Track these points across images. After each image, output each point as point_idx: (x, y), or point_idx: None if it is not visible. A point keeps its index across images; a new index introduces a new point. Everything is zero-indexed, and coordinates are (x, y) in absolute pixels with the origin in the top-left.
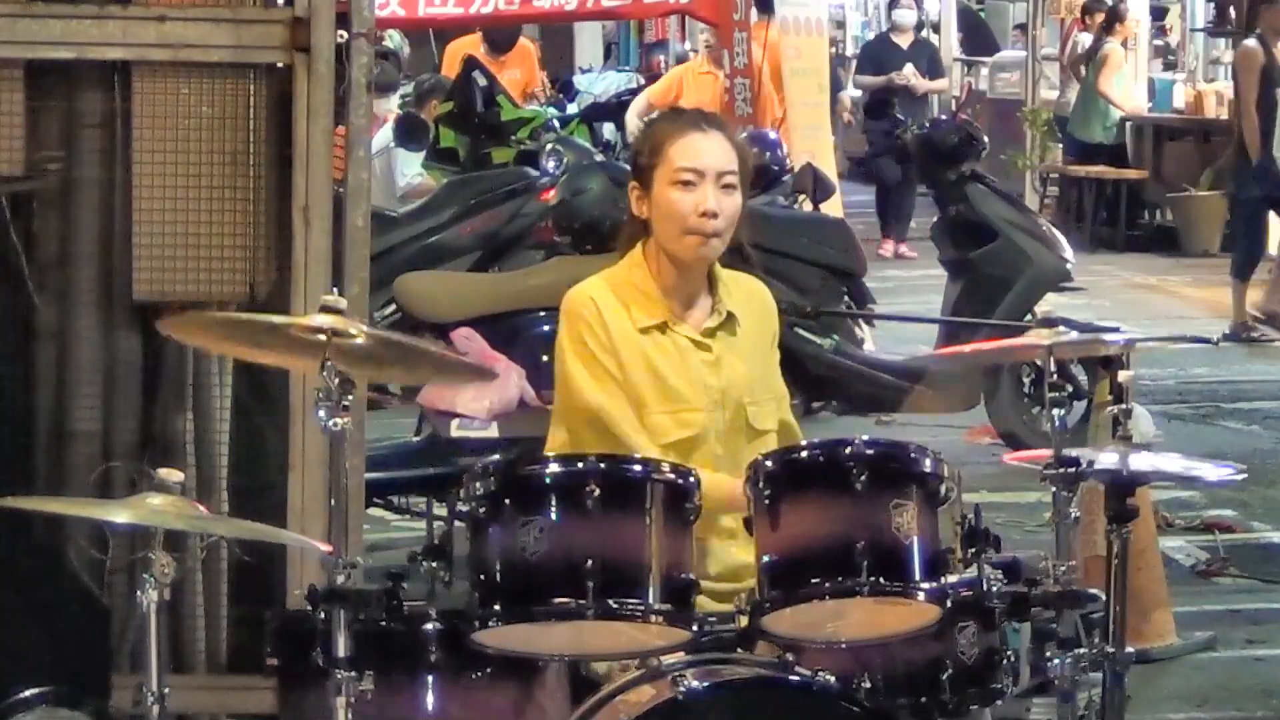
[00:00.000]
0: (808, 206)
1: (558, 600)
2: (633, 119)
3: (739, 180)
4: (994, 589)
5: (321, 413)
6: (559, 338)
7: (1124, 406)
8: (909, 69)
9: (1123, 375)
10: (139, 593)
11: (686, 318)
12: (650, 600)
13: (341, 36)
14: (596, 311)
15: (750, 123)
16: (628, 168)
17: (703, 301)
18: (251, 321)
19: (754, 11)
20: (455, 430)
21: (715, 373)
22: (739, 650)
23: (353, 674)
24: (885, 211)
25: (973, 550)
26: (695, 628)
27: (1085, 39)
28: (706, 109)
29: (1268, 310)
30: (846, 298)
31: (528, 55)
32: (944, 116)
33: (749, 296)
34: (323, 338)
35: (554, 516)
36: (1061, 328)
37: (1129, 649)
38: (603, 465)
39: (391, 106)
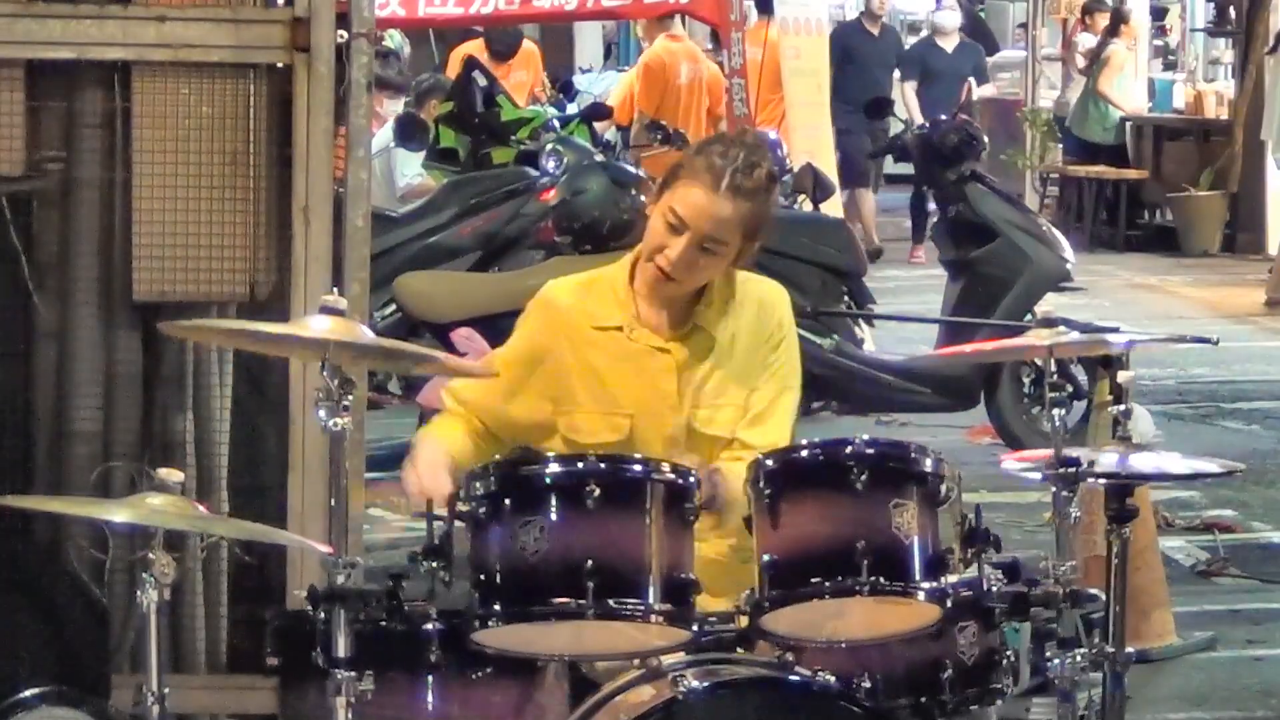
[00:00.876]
0: (808, 206)
1: (558, 600)
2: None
3: (730, 249)
4: (994, 589)
5: (321, 413)
6: (526, 309)
7: (1124, 407)
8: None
9: (1122, 376)
10: (139, 593)
11: (654, 321)
12: (650, 600)
13: (341, 36)
14: (552, 313)
15: (747, 123)
16: (628, 168)
17: (680, 310)
18: (254, 331)
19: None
20: None
21: (671, 378)
22: (739, 650)
23: (353, 674)
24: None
25: (973, 550)
26: (695, 628)
27: (1085, 39)
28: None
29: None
30: (846, 298)
31: (533, 58)
32: (944, 116)
33: (740, 301)
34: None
35: (554, 516)
36: (1061, 328)
37: (1129, 649)
38: (603, 465)
39: (398, 107)
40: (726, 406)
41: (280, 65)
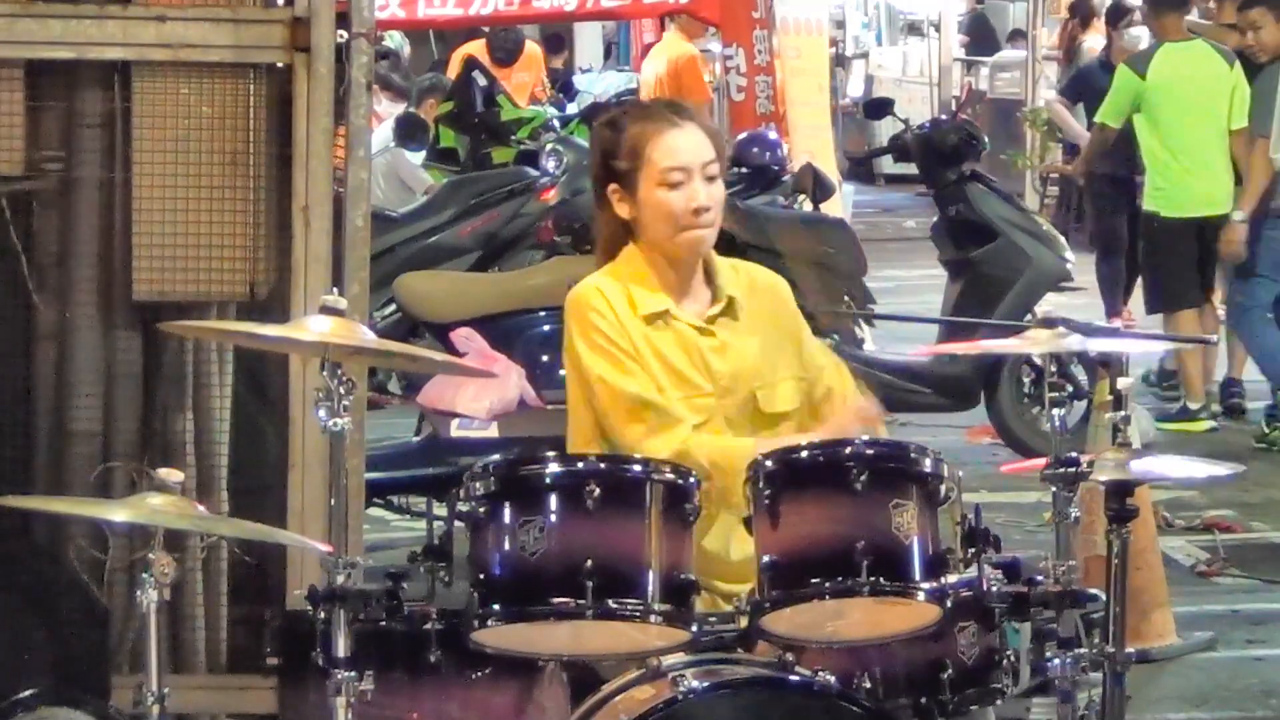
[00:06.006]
0: (808, 206)
1: (557, 600)
2: None
3: (719, 166)
4: (994, 589)
5: (321, 413)
6: (569, 339)
7: (1123, 414)
8: None
9: (1122, 382)
10: (139, 593)
11: (687, 307)
12: (650, 600)
13: (341, 36)
14: (605, 302)
15: (771, 120)
16: None
17: (701, 292)
18: (254, 332)
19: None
20: (455, 430)
21: (722, 358)
22: (739, 650)
23: (353, 674)
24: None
25: (973, 550)
26: (695, 628)
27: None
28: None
29: None
30: (846, 298)
31: (535, 60)
32: (944, 116)
33: (751, 284)
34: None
35: (554, 516)
36: (1061, 328)
37: (1129, 649)
38: (603, 465)
39: (398, 109)
40: (781, 382)
41: (280, 65)
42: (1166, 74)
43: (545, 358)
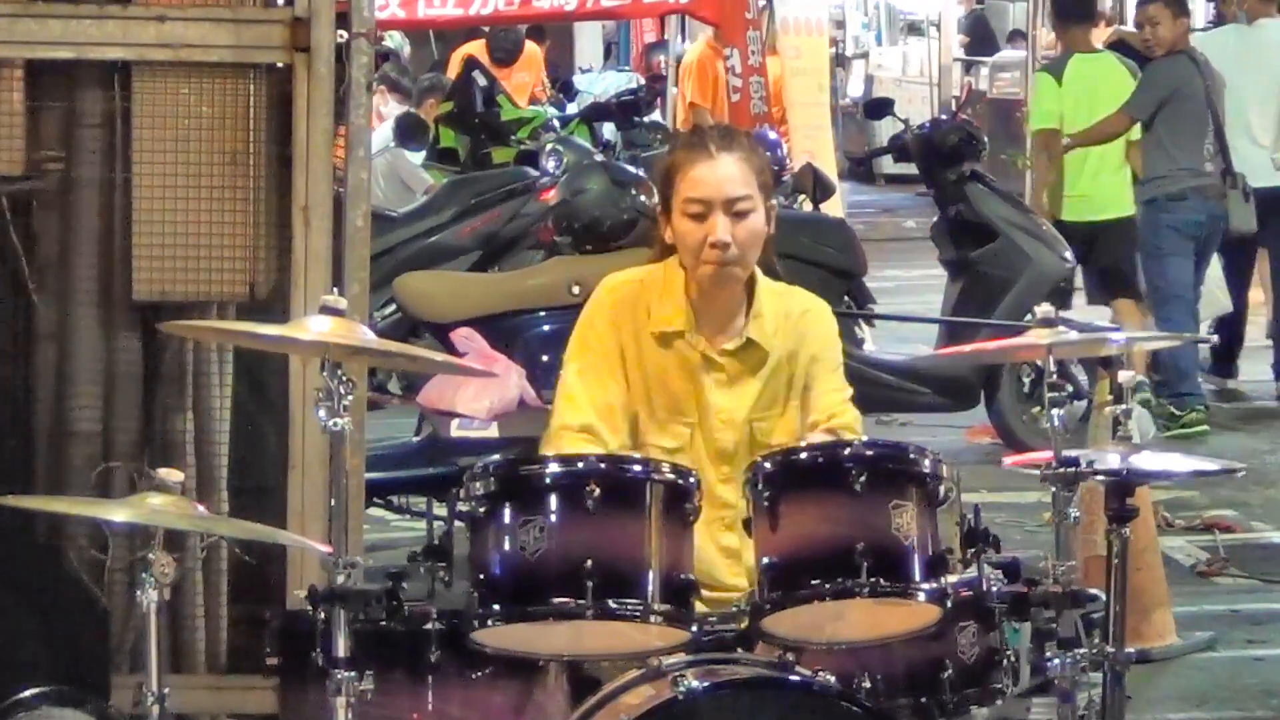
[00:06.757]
0: (808, 206)
1: (557, 600)
2: None
3: (756, 200)
4: (994, 589)
5: (321, 413)
6: (584, 312)
7: (1124, 407)
8: None
9: (1123, 375)
10: (139, 593)
11: (709, 332)
12: (650, 600)
13: (341, 36)
14: (619, 311)
15: (766, 121)
16: (628, 168)
17: (736, 320)
18: (254, 331)
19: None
20: (455, 430)
21: (725, 393)
22: (739, 650)
23: (353, 674)
24: None
25: (973, 550)
26: (695, 628)
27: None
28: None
29: None
30: (846, 298)
31: (535, 59)
32: (944, 116)
33: (786, 312)
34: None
35: (554, 516)
36: (1061, 328)
37: (1129, 649)
38: (603, 465)
39: (400, 108)
40: (786, 415)
41: (280, 65)
42: (1077, 84)
43: (545, 358)
